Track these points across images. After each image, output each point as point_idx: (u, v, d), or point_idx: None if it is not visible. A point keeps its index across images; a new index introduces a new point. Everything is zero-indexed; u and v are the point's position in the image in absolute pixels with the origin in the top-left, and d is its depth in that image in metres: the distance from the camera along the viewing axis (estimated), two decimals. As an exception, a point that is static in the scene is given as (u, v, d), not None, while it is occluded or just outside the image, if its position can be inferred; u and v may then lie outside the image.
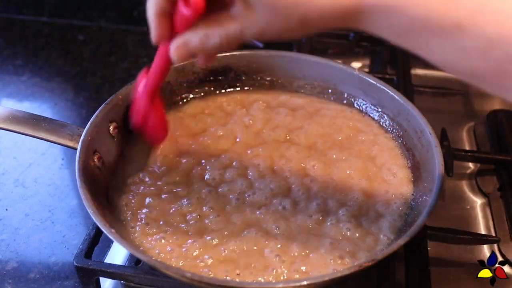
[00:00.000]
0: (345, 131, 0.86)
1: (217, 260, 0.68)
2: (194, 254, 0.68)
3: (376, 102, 0.88)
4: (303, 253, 0.69)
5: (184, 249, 0.69)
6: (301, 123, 0.87)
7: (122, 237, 0.67)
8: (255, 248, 0.70)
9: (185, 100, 0.92)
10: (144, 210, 0.74)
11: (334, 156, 0.82)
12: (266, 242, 0.70)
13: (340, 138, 0.85)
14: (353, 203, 0.75)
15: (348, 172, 0.80)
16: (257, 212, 0.74)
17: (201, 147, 0.84)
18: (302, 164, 0.81)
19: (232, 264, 0.67)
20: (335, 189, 0.77)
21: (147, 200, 0.75)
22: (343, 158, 0.82)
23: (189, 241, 0.70)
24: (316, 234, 0.71)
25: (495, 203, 0.84)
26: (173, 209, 0.74)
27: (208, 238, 0.70)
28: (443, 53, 0.52)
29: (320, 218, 0.73)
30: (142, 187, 0.77)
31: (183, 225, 0.72)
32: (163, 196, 0.76)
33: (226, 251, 0.69)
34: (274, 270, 0.67)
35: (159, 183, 0.78)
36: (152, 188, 0.77)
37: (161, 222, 0.72)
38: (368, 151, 0.83)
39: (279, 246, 0.69)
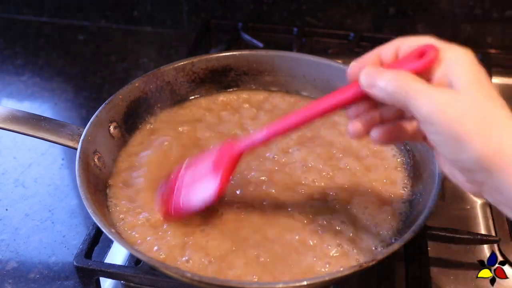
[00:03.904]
0: (343, 130, 0.86)
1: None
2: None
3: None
4: None
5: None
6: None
7: (122, 237, 0.67)
8: None
9: (185, 100, 0.92)
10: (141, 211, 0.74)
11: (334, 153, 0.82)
12: None
13: (337, 138, 0.85)
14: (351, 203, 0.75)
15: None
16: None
17: (198, 145, 0.84)
18: (301, 161, 0.81)
19: None
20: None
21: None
22: (340, 155, 0.82)
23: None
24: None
25: (495, 203, 0.84)
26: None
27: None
28: None
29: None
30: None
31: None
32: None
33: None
34: None
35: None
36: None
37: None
38: (367, 150, 0.83)
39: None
